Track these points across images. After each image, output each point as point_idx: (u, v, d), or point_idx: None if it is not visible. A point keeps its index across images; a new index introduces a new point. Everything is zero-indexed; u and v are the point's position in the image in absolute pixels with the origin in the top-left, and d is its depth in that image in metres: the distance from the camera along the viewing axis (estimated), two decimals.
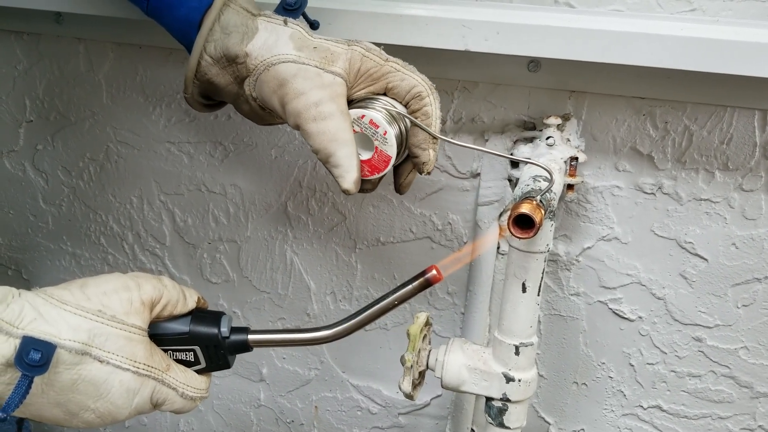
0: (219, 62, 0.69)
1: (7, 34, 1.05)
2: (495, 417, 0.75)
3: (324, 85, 0.66)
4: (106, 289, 0.61)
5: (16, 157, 1.14)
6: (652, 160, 0.83)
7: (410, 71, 0.69)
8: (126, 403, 0.61)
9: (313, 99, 0.66)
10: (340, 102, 0.67)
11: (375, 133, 0.67)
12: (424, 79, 0.69)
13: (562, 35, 0.73)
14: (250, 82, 0.69)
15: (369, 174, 0.69)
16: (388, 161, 0.68)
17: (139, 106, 1.03)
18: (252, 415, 1.18)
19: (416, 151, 0.70)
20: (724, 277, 0.85)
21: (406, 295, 0.65)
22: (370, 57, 0.68)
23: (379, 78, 0.69)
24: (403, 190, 0.75)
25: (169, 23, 0.72)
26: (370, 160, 0.68)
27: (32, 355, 0.54)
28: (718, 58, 0.70)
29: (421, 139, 0.69)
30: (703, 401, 0.92)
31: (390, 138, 0.67)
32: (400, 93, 0.69)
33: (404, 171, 0.74)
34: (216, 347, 0.66)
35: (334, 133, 0.66)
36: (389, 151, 0.67)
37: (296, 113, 0.66)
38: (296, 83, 0.66)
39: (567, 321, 0.94)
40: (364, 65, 0.68)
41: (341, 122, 0.66)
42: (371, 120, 0.67)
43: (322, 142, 0.66)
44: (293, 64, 0.67)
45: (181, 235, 1.09)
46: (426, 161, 0.70)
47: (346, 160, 0.66)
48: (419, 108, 0.68)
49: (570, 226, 0.88)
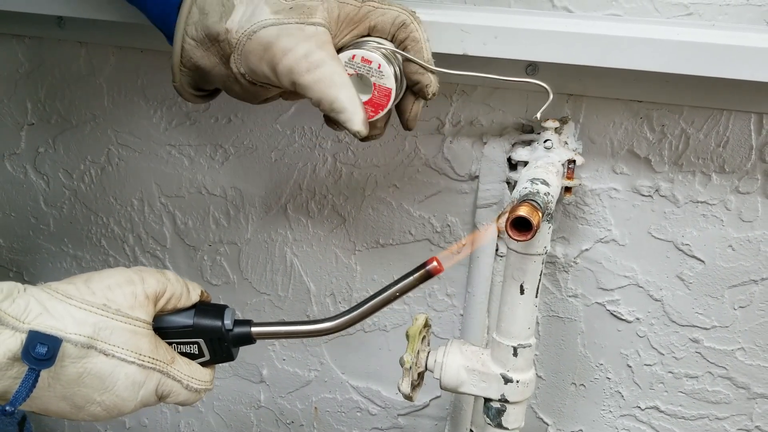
0: (202, 44, 0.69)
1: (9, 37, 1.06)
2: (493, 418, 0.76)
3: (308, 37, 0.66)
4: (110, 284, 0.62)
5: (18, 159, 1.14)
6: (649, 163, 0.83)
7: (388, 5, 0.69)
8: (131, 395, 0.62)
9: (301, 52, 0.66)
10: (328, 48, 0.67)
11: (370, 70, 0.67)
12: (405, 8, 0.69)
13: (560, 39, 0.73)
14: (236, 58, 0.68)
15: (373, 114, 0.69)
16: (389, 95, 0.68)
17: (140, 110, 1.04)
18: (252, 416, 1.19)
19: (415, 77, 0.70)
20: (720, 279, 0.86)
21: (407, 286, 0.65)
22: (347, 2, 0.69)
23: (361, 20, 0.69)
24: (411, 124, 0.75)
25: (149, 8, 0.73)
26: (371, 99, 0.69)
27: (39, 349, 0.55)
28: (715, 62, 0.70)
29: (416, 66, 0.69)
30: (701, 402, 0.93)
31: (385, 70, 0.67)
32: (385, 27, 0.69)
33: (407, 104, 0.74)
34: (220, 340, 0.67)
35: (330, 78, 0.66)
36: (387, 83, 0.68)
37: (288, 70, 0.66)
38: (281, 42, 0.66)
39: (565, 322, 0.94)
40: (343, 11, 0.69)
41: (335, 66, 0.66)
42: (363, 57, 0.67)
43: (321, 90, 0.66)
44: (274, 27, 0.67)
45: (182, 237, 1.10)
46: (428, 83, 0.70)
47: (349, 102, 0.66)
48: (407, 36, 0.69)
49: (568, 229, 0.89)
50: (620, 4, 0.77)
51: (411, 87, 0.72)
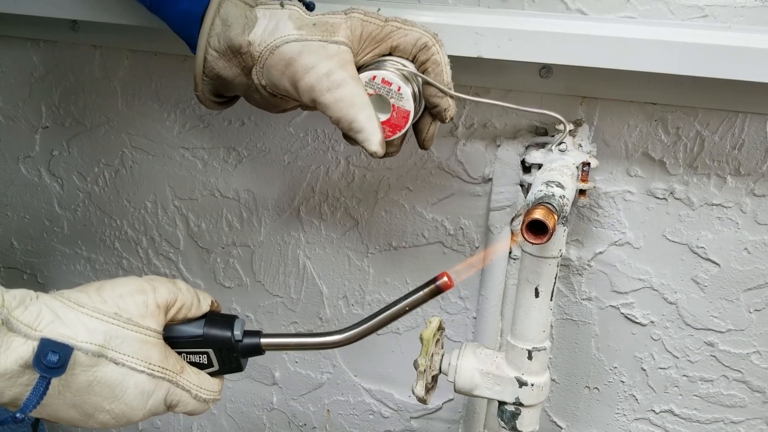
0: (224, 55, 0.70)
1: (23, 41, 1.06)
2: (508, 421, 0.76)
3: (331, 55, 0.67)
4: (122, 292, 0.62)
5: (32, 162, 1.15)
6: (664, 166, 0.83)
7: (411, 26, 0.69)
8: (141, 404, 0.62)
9: (323, 70, 0.66)
10: (349, 68, 0.67)
11: (389, 92, 0.67)
12: (427, 30, 0.69)
13: (574, 42, 0.73)
14: (258, 70, 0.69)
15: (391, 134, 0.69)
16: (407, 116, 0.68)
17: (154, 113, 1.04)
18: (265, 419, 1.19)
19: (434, 100, 0.70)
20: (736, 282, 0.85)
21: (417, 301, 0.65)
22: (370, 20, 0.69)
23: (383, 39, 0.69)
24: (427, 144, 0.75)
25: (171, 18, 0.73)
26: (389, 120, 0.69)
27: (50, 357, 0.55)
28: (730, 64, 0.70)
29: (436, 89, 0.69)
30: (715, 406, 0.92)
31: (405, 93, 0.67)
32: (406, 48, 0.69)
33: (425, 125, 0.74)
34: (229, 350, 0.67)
35: (351, 98, 0.66)
36: (406, 105, 0.68)
37: (309, 88, 0.67)
38: (303, 59, 0.67)
39: (579, 325, 0.94)
40: (366, 29, 0.69)
41: (355, 87, 0.66)
42: (383, 79, 0.67)
43: (341, 110, 0.66)
44: (296, 43, 0.67)
45: (195, 240, 1.10)
46: (446, 107, 0.70)
47: (368, 123, 0.66)
48: (428, 58, 0.69)
49: (582, 231, 0.89)
50: (634, 6, 0.77)
51: (429, 109, 0.72)
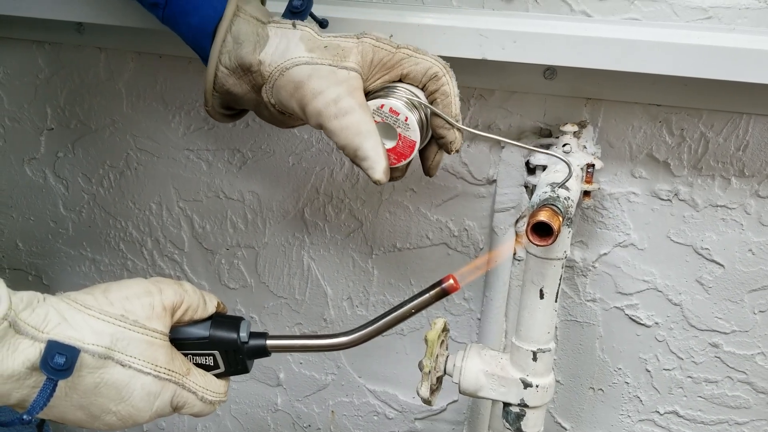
0: (235, 72, 0.70)
1: (29, 43, 1.07)
2: (513, 422, 0.76)
3: (340, 81, 0.67)
4: (128, 294, 0.62)
5: (37, 164, 1.15)
6: (668, 167, 0.83)
7: (423, 54, 0.69)
8: (147, 406, 0.62)
9: (331, 96, 0.66)
10: (358, 95, 0.67)
11: (396, 121, 0.68)
12: (438, 60, 0.69)
13: (579, 44, 0.74)
14: (267, 89, 0.70)
15: (396, 162, 0.69)
16: (413, 146, 0.69)
17: (159, 114, 1.05)
18: (269, 420, 1.19)
19: (441, 131, 0.70)
20: (740, 283, 0.85)
21: (422, 303, 0.65)
22: (381, 47, 0.69)
23: (394, 66, 0.69)
24: (432, 172, 0.75)
25: (183, 31, 0.73)
26: (395, 148, 0.69)
27: (57, 359, 0.55)
28: (735, 65, 0.70)
29: (443, 120, 0.69)
30: (720, 407, 0.92)
31: (412, 123, 0.67)
32: (416, 77, 0.69)
33: (431, 153, 0.74)
34: (235, 352, 0.67)
35: (357, 126, 0.66)
36: (413, 136, 0.68)
37: (317, 113, 0.67)
38: (312, 83, 0.67)
39: (583, 327, 0.94)
40: (377, 55, 0.69)
41: (362, 115, 0.66)
42: (391, 108, 0.67)
43: (347, 137, 0.66)
44: (306, 66, 0.67)
45: (200, 241, 1.11)
46: (452, 139, 0.70)
47: (373, 152, 0.66)
48: (437, 88, 0.69)
49: (586, 233, 0.89)
50: (639, 8, 0.77)
51: (435, 139, 0.72)
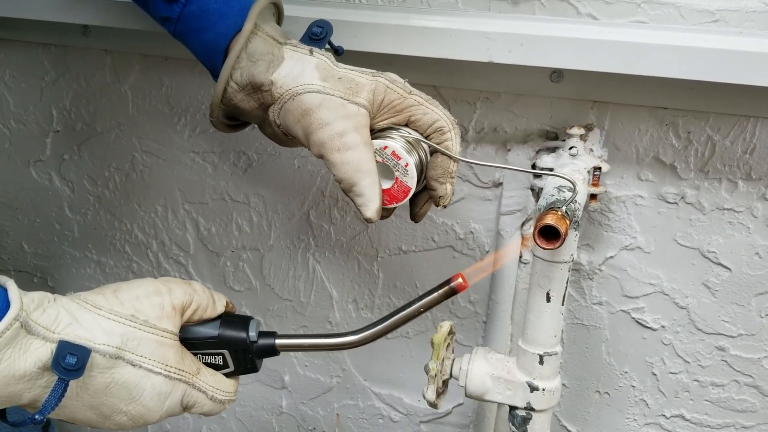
0: (245, 89, 0.70)
1: (35, 46, 1.07)
2: (519, 426, 0.76)
3: (348, 116, 0.67)
4: (138, 294, 0.62)
5: (43, 166, 1.15)
6: (675, 170, 0.83)
7: (433, 105, 0.69)
8: (157, 405, 0.62)
9: (337, 129, 0.66)
10: (363, 133, 0.67)
11: (396, 165, 0.68)
12: (446, 114, 0.69)
13: (585, 47, 0.73)
14: (275, 110, 0.69)
15: (387, 203, 0.70)
16: (407, 192, 0.69)
17: (164, 117, 1.05)
18: (274, 422, 1.19)
19: (434, 184, 0.70)
20: (747, 287, 0.85)
21: (431, 302, 0.66)
22: (394, 89, 0.69)
23: (402, 110, 0.69)
24: (418, 219, 0.76)
25: (196, 47, 0.73)
26: (389, 190, 0.69)
27: (68, 359, 0.55)
28: (741, 68, 0.70)
29: (439, 173, 0.70)
30: (726, 410, 0.92)
31: (411, 170, 0.68)
32: (422, 126, 0.69)
33: (421, 201, 0.74)
34: (244, 351, 0.67)
35: (358, 163, 0.66)
36: (409, 182, 0.69)
37: (320, 143, 0.67)
38: (321, 113, 0.67)
39: (589, 330, 0.94)
40: (388, 97, 0.68)
41: (365, 153, 0.67)
42: (393, 152, 0.68)
43: (347, 173, 0.67)
44: (318, 95, 0.67)
45: (205, 244, 1.11)
46: (443, 195, 0.70)
47: (369, 190, 0.67)
48: (440, 142, 0.69)
49: (593, 236, 0.89)
50: (645, 11, 0.77)
51: (428, 189, 0.72)
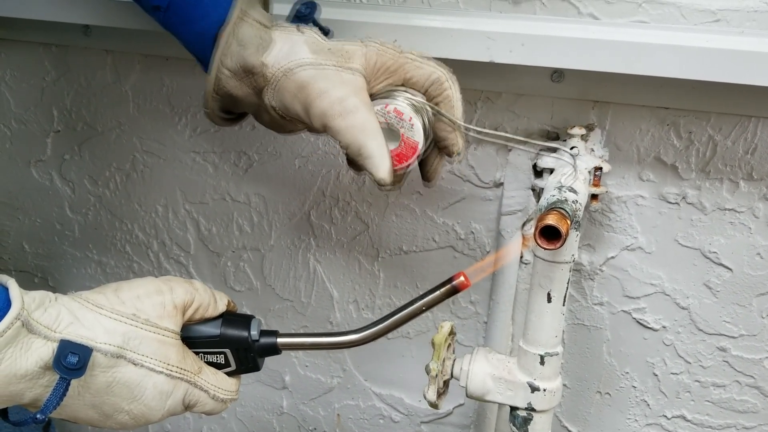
0: (237, 74, 0.70)
1: (36, 46, 1.07)
2: (520, 426, 0.75)
3: (345, 82, 0.67)
4: (139, 293, 0.62)
5: (44, 166, 1.15)
6: (676, 170, 0.83)
7: (426, 60, 0.70)
8: (159, 404, 0.62)
9: (336, 96, 0.66)
10: (362, 95, 0.67)
11: (400, 122, 0.68)
12: (441, 65, 0.70)
13: (587, 47, 0.73)
14: (269, 92, 0.70)
15: (397, 164, 0.69)
16: (415, 148, 0.69)
17: (165, 117, 1.05)
18: (275, 423, 1.19)
19: (443, 134, 0.71)
20: (748, 287, 0.85)
21: (433, 301, 0.66)
22: (386, 51, 0.69)
23: (397, 70, 0.69)
24: (431, 177, 0.75)
25: (185, 37, 0.73)
26: (397, 150, 0.69)
27: (70, 358, 0.55)
28: (743, 68, 0.70)
29: (446, 125, 0.70)
30: (728, 411, 0.92)
31: (416, 125, 0.68)
32: (419, 81, 0.69)
33: (431, 159, 0.74)
34: (246, 350, 0.67)
35: (363, 124, 0.66)
36: (416, 137, 0.68)
37: (321, 112, 0.67)
38: (317, 84, 0.67)
39: (590, 330, 0.94)
40: (381, 59, 0.69)
41: (367, 114, 0.67)
42: (395, 109, 0.68)
43: (353, 136, 0.66)
44: (311, 67, 0.67)
45: (206, 244, 1.11)
46: (454, 143, 0.71)
47: (378, 150, 0.67)
48: (440, 93, 0.69)
49: (594, 236, 0.88)
50: (646, 10, 0.77)
51: (437, 143, 0.72)
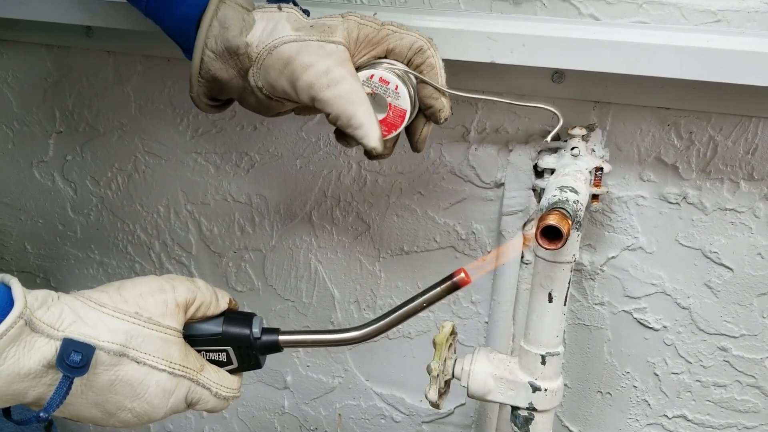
0: (221, 56, 0.70)
1: (38, 47, 1.07)
2: (521, 426, 0.76)
3: (329, 54, 0.68)
4: (142, 292, 0.63)
5: (46, 167, 1.16)
6: (677, 170, 0.83)
7: (407, 30, 0.71)
8: (162, 402, 0.62)
9: (321, 68, 0.67)
10: (347, 66, 0.68)
11: (387, 90, 0.69)
12: (422, 35, 0.71)
13: (587, 47, 0.73)
14: (254, 72, 0.70)
15: (386, 133, 0.70)
16: (403, 116, 0.70)
17: (167, 118, 1.05)
18: (276, 423, 1.19)
19: (429, 101, 0.71)
20: (749, 287, 0.85)
21: (434, 297, 0.66)
22: (366, 23, 0.70)
23: (379, 42, 0.70)
24: (420, 146, 0.76)
25: (168, 23, 0.74)
26: (385, 119, 0.70)
27: (72, 356, 0.56)
28: (744, 68, 0.70)
29: (430, 89, 0.71)
30: (729, 411, 0.92)
31: (402, 92, 0.69)
32: (402, 51, 0.70)
33: (418, 127, 0.75)
34: (248, 348, 0.67)
35: (350, 94, 0.67)
36: (403, 104, 0.69)
37: (308, 85, 0.67)
38: (302, 58, 0.67)
39: (591, 330, 0.94)
40: (362, 32, 0.70)
41: (354, 83, 0.67)
42: (381, 77, 0.69)
43: (341, 106, 0.67)
44: (294, 43, 0.68)
45: (207, 244, 1.11)
46: (441, 108, 0.71)
47: (367, 118, 0.67)
48: (423, 61, 0.70)
49: (595, 236, 0.89)
50: (647, 11, 0.77)
51: (423, 111, 0.73)
